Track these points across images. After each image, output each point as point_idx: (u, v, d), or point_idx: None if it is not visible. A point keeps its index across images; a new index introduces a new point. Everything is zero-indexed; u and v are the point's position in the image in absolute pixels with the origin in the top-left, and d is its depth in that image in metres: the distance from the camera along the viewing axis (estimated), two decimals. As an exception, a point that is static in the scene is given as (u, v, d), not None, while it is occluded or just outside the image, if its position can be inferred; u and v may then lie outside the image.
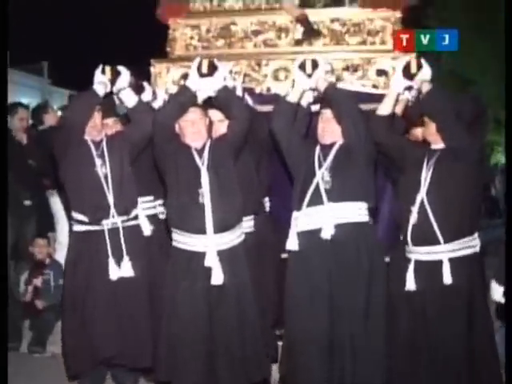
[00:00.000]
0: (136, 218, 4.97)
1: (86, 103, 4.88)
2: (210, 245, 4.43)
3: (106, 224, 4.81)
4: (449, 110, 4.37)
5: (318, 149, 4.56)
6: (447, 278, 4.23)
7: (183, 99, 4.60)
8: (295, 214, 4.50)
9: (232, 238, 4.52)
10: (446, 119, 4.35)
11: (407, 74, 4.51)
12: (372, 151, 4.57)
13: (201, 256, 4.43)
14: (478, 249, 4.39)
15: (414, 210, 4.33)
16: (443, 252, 4.27)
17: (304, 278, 4.40)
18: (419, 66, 4.51)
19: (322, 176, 4.44)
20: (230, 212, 4.49)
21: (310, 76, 4.57)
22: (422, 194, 4.34)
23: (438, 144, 4.43)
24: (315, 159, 4.51)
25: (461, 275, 4.25)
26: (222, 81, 4.61)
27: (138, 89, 5.25)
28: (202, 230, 4.42)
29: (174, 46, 6.63)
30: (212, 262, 4.41)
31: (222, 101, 4.65)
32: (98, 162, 4.88)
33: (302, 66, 4.60)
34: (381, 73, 6.20)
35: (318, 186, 4.43)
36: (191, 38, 6.63)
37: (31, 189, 6.71)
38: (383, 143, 4.56)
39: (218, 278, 4.39)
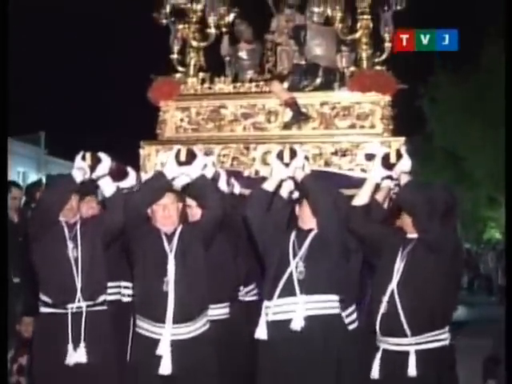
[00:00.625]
0: (103, 303, 4.88)
1: (62, 189, 4.84)
2: (165, 334, 4.36)
3: (71, 308, 4.72)
4: (423, 204, 4.31)
5: (293, 235, 4.50)
6: (412, 370, 4.13)
7: (156, 186, 4.59)
8: (266, 303, 4.40)
9: (192, 329, 4.43)
10: (420, 213, 4.30)
11: (386, 163, 4.49)
12: (347, 241, 4.52)
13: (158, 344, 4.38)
14: (447, 342, 4.29)
15: (384, 299, 4.27)
16: (410, 344, 4.19)
17: (273, 368, 4.30)
18: (399, 156, 4.49)
19: (296, 265, 4.38)
20: (193, 303, 4.43)
21: (287, 165, 4.53)
22: (393, 285, 4.27)
23: (413, 234, 4.39)
24: (290, 247, 4.45)
25: (427, 368, 4.15)
26: (199, 170, 4.61)
27: (121, 174, 5.23)
28: (161, 320, 4.36)
29: (164, 128, 6.66)
30: (163, 351, 4.33)
31: (197, 189, 4.65)
32: (70, 244, 4.82)
33: (280, 156, 4.57)
34: (370, 157, 6.17)
35: (291, 275, 4.36)
36: (181, 120, 6.65)
37: (20, 267, 6.61)
38: (359, 233, 4.53)
39: (166, 367, 4.32)
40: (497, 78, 15.83)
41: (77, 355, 4.66)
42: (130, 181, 5.41)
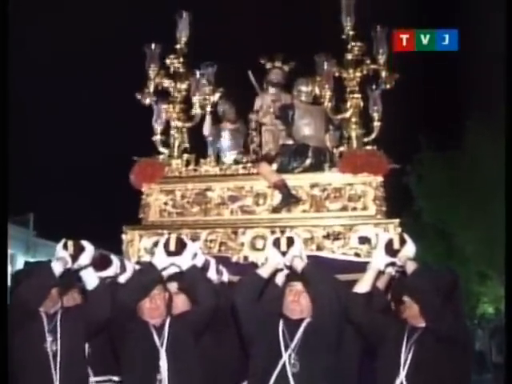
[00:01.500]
0: None
1: (41, 283, 4.48)
2: None
3: None
4: (433, 291, 4.06)
5: (281, 324, 4.16)
6: None
7: (147, 280, 4.30)
8: None
9: None
10: (430, 301, 4.03)
11: (389, 249, 4.26)
12: (344, 331, 4.22)
13: None
14: None
15: None
16: None
17: None
18: (402, 242, 4.25)
19: (288, 358, 4.03)
20: None
21: (284, 254, 4.28)
22: (401, 378, 3.96)
23: (418, 322, 4.10)
24: (280, 338, 4.10)
25: None
26: (189, 260, 4.34)
27: (103, 263, 4.91)
28: None
29: (147, 212, 6.36)
30: None
31: (188, 282, 4.36)
32: (48, 337, 4.44)
33: (276, 243, 4.32)
34: (363, 240, 5.92)
35: (284, 368, 4.01)
36: (165, 203, 6.38)
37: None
38: (359, 322, 4.24)
39: None
40: (480, 160, 15.86)
41: None
42: (113, 269, 5.09)
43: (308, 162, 6.21)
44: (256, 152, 6.86)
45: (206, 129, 6.96)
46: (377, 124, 6.48)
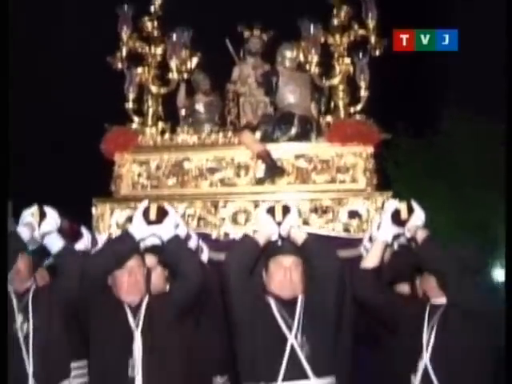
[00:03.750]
0: None
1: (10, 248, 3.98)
2: None
3: None
4: (451, 259, 3.65)
5: (273, 303, 3.71)
6: None
7: (122, 250, 3.80)
8: None
9: None
10: (448, 270, 3.62)
11: (397, 219, 3.86)
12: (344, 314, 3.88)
13: None
14: None
15: (416, 379, 3.57)
16: None
17: None
18: (410, 211, 3.86)
19: (295, 340, 3.59)
20: None
21: (279, 224, 3.82)
22: (425, 361, 3.57)
23: (439, 299, 3.71)
24: (277, 317, 3.65)
25: None
26: (172, 229, 3.85)
27: (73, 234, 4.45)
28: None
29: (119, 185, 5.87)
30: None
31: (170, 255, 3.86)
32: (18, 318, 4.02)
33: (271, 211, 3.86)
34: (353, 215, 5.52)
35: (293, 352, 3.57)
36: (139, 175, 5.88)
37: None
38: (369, 301, 3.86)
39: None
40: (457, 142, 15.73)
41: None
42: (84, 242, 4.64)
43: (293, 130, 5.77)
44: (234, 124, 6.44)
45: (180, 100, 6.52)
46: (364, 94, 6.08)
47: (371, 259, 3.90)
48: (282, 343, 3.59)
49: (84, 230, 4.69)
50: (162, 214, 3.85)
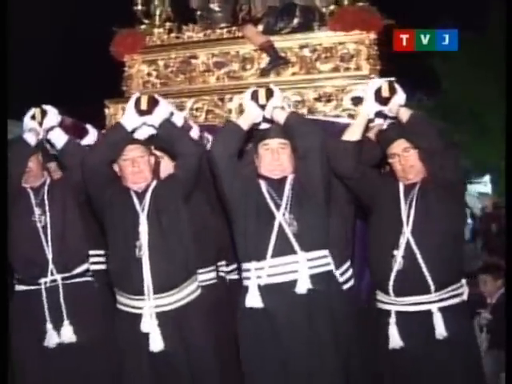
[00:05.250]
0: (82, 274, 4.34)
1: (17, 156, 4.29)
2: (146, 307, 3.79)
3: (44, 282, 4.19)
4: (437, 134, 3.77)
5: (264, 185, 3.88)
6: (440, 331, 3.57)
7: (115, 139, 4.02)
8: (255, 264, 3.75)
9: (178, 298, 3.87)
10: (434, 144, 3.74)
11: (379, 97, 3.95)
12: (335, 190, 3.99)
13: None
14: (465, 297, 3.76)
15: (398, 254, 3.68)
16: (432, 302, 3.63)
17: (270, 339, 3.68)
18: (392, 90, 3.95)
19: (283, 218, 3.76)
20: (174, 268, 3.85)
21: (263, 107, 3.94)
22: (406, 235, 3.69)
23: (416, 176, 3.83)
24: (266, 197, 3.82)
25: (451, 327, 3.60)
26: (163, 117, 4.03)
27: (77, 131, 4.66)
28: (140, 291, 3.79)
29: (130, 85, 6.05)
30: (149, 326, 3.79)
31: (164, 138, 4.05)
32: (36, 211, 4.30)
33: (255, 96, 3.97)
34: (357, 101, 5.58)
35: (281, 229, 3.74)
36: (148, 74, 6.05)
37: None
38: (348, 175, 3.95)
39: (156, 344, 3.77)
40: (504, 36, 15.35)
41: (62, 335, 4.17)
42: (91, 138, 4.86)
43: (296, 21, 5.81)
44: (245, 20, 6.48)
45: (194, 1, 6.59)
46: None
47: (351, 133, 3.98)
48: (271, 222, 3.75)
49: (90, 128, 4.90)
50: (152, 104, 4.01)
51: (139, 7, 6.35)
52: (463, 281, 3.77)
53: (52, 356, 4.17)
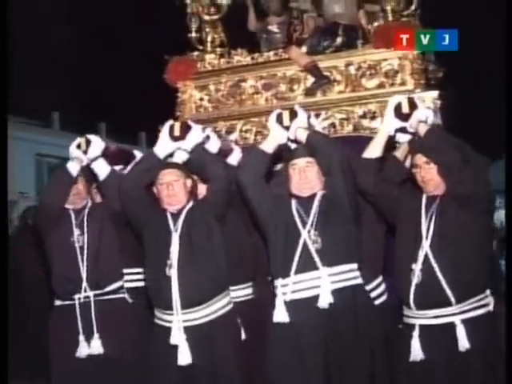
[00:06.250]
0: (115, 292, 4.66)
1: (59, 186, 4.67)
2: (175, 320, 4.02)
3: (78, 298, 4.54)
4: (453, 149, 3.82)
5: (294, 203, 4.03)
6: (463, 343, 3.60)
7: (145, 166, 4.28)
8: (281, 281, 3.91)
9: (207, 313, 4.06)
10: (449, 158, 3.79)
11: (399, 113, 4.02)
12: (359, 202, 4.07)
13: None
14: (491, 307, 3.76)
15: (417, 268, 3.74)
16: (455, 314, 3.66)
17: (296, 354, 3.81)
18: (413, 106, 4.01)
19: (308, 235, 3.89)
20: (202, 285, 4.04)
21: (287, 128, 4.08)
22: (425, 249, 3.75)
23: (436, 190, 3.87)
24: (295, 215, 3.97)
25: (477, 339, 3.61)
26: (196, 141, 4.26)
27: (125, 158, 4.93)
28: (168, 306, 4.03)
29: (183, 110, 6.33)
30: (177, 339, 4.00)
31: (195, 162, 4.27)
32: (76, 231, 4.64)
33: (279, 118, 4.12)
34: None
35: (306, 247, 3.88)
36: (201, 99, 6.32)
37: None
38: (369, 191, 4.05)
39: (184, 357, 3.98)
40: None
41: (92, 347, 4.49)
42: None
43: (339, 40, 5.94)
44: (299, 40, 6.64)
45: (252, 24, 6.84)
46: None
47: (372, 150, 4.07)
48: (297, 240, 3.90)
49: (138, 153, 5.15)
50: (185, 130, 4.25)
51: (193, 34, 6.62)
52: (487, 291, 3.77)
53: (83, 366, 4.47)
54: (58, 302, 4.67)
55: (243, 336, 4.17)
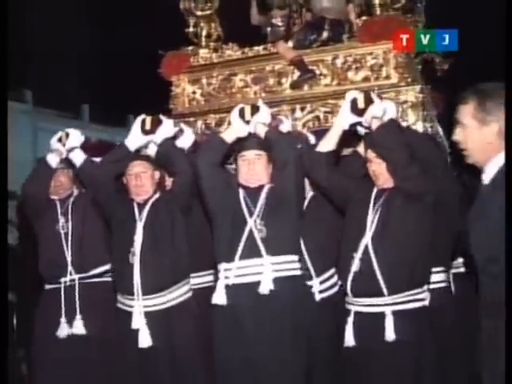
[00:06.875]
0: (99, 275, 4.89)
1: (40, 178, 4.90)
2: (136, 306, 4.23)
3: (64, 282, 4.79)
4: (400, 146, 3.88)
5: (242, 193, 4.17)
6: (389, 334, 3.68)
7: (117, 157, 4.49)
8: (225, 265, 4.06)
9: (167, 299, 4.27)
10: (395, 156, 3.85)
11: (354, 108, 4.06)
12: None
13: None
14: (427, 302, 3.83)
15: (357, 256, 3.84)
16: (386, 304, 3.74)
17: (233, 336, 3.98)
18: (369, 101, 4.04)
19: (254, 224, 4.04)
20: (163, 273, 4.25)
21: (247, 122, 4.21)
22: (366, 239, 3.83)
23: (386, 183, 3.95)
24: (242, 204, 4.11)
25: (405, 331, 3.69)
26: (164, 136, 4.44)
27: (108, 151, 5.12)
28: (130, 292, 4.24)
29: (176, 103, 6.53)
30: (138, 323, 4.21)
31: (163, 157, 4.46)
32: (61, 219, 4.91)
33: (241, 113, 4.25)
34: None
35: (251, 235, 4.03)
36: (193, 92, 6.50)
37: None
38: (321, 184, 4.16)
39: (144, 340, 4.19)
40: None
41: (74, 327, 4.73)
42: None
43: (325, 34, 6.06)
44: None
45: (254, 18, 6.98)
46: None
47: (325, 143, 4.10)
48: (243, 227, 4.04)
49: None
50: (156, 124, 4.44)
51: (191, 29, 6.80)
52: (425, 286, 3.83)
53: (63, 345, 4.71)
54: (47, 287, 4.93)
55: (201, 321, 4.33)
